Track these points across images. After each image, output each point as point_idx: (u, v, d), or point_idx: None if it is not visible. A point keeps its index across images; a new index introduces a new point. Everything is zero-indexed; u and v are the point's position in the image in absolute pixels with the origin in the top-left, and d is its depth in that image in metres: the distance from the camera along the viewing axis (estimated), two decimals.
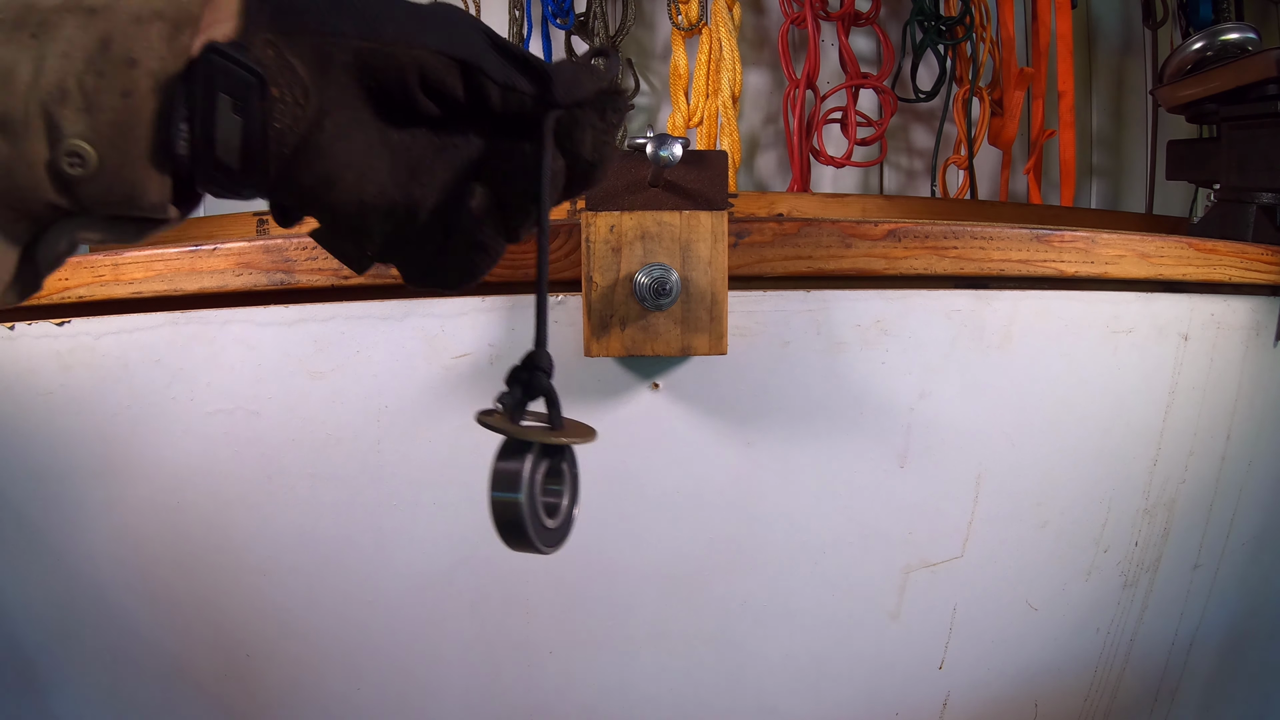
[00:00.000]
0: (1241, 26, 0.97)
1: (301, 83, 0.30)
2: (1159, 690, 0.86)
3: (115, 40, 0.28)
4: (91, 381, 0.64)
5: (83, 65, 0.28)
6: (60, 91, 0.28)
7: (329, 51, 0.30)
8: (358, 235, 0.33)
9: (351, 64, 0.30)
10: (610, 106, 0.35)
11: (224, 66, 0.28)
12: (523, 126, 0.33)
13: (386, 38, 0.30)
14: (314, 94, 0.30)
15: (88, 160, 0.28)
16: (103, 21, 0.28)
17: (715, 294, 0.59)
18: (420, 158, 0.33)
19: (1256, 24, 1.15)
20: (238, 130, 0.29)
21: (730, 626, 0.69)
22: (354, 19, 0.30)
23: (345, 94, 0.31)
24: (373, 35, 0.30)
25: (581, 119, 0.34)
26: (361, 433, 0.64)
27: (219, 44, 0.28)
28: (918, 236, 0.63)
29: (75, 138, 0.28)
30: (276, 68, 0.29)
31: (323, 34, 0.30)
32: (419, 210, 0.33)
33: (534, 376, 0.34)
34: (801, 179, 1.40)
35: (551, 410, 0.34)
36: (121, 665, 0.71)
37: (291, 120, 0.30)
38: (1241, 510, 0.83)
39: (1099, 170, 1.61)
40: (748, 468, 0.65)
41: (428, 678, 0.69)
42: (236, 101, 0.28)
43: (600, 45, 0.43)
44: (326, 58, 0.30)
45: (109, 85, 0.28)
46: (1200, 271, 0.71)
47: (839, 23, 1.39)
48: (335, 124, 0.30)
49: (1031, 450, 0.70)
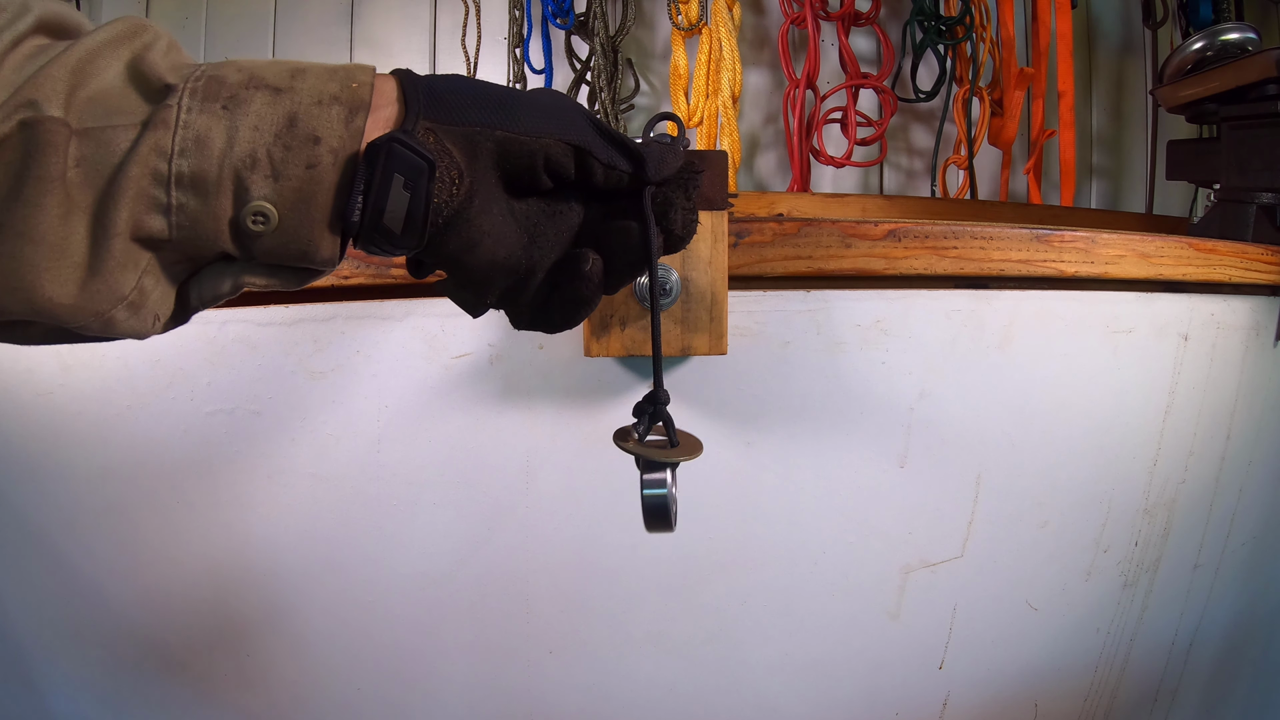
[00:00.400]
0: (1241, 26, 0.97)
1: (458, 165, 0.35)
2: (1159, 690, 0.86)
3: (300, 119, 0.33)
4: (91, 381, 0.64)
5: (271, 138, 0.32)
6: (251, 159, 0.32)
7: (477, 139, 0.36)
8: (482, 288, 0.39)
9: (493, 150, 0.36)
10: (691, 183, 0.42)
11: (401, 153, 0.33)
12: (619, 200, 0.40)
13: (521, 129, 0.36)
14: (467, 175, 0.36)
15: (270, 220, 0.33)
16: (288, 101, 0.33)
17: (715, 294, 0.59)
18: (538, 224, 0.39)
19: (1256, 24, 1.15)
20: (405, 204, 0.34)
21: (730, 626, 0.69)
22: (494, 111, 0.36)
23: (487, 173, 0.36)
24: (510, 126, 0.36)
25: (673, 200, 0.40)
26: (361, 433, 0.64)
27: (398, 133, 0.33)
28: (918, 236, 0.63)
29: (262, 200, 0.32)
30: (438, 153, 0.34)
31: (472, 124, 0.35)
32: (537, 270, 0.39)
33: (656, 409, 0.44)
34: (801, 179, 1.40)
35: (670, 432, 0.44)
36: (121, 665, 0.71)
37: (448, 197, 0.35)
38: (1241, 510, 0.83)
39: (1099, 170, 1.61)
40: (748, 468, 0.65)
41: (428, 678, 0.69)
42: (408, 181, 0.33)
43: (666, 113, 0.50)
44: (475, 145, 0.36)
45: (295, 158, 0.33)
46: (1200, 271, 0.71)
47: (839, 23, 1.39)
48: (480, 199, 0.36)
49: (1031, 450, 0.70)
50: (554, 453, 0.64)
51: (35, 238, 0.30)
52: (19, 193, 0.30)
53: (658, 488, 0.43)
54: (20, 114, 0.30)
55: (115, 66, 0.32)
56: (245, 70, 0.33)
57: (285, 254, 0.34)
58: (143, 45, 0.33)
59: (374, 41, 1.51)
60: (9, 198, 0.30)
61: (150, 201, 0.32)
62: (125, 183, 0.31)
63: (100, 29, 0.33)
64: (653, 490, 0.43)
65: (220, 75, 0.33)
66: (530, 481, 0.65)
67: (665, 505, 0.43)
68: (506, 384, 0.63)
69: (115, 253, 0.32)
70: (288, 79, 0.34)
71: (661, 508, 0.43)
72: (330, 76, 0.34)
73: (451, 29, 1.49)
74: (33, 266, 0.31)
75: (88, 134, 0.31)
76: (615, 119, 1.40)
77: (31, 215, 0.30)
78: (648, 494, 0.43)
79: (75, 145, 0.31)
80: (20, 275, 0.31)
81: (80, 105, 0.31)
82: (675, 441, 0.44)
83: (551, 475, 0.65)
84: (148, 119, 0.31)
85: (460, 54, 1.47)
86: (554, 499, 0.65)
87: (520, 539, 0.66)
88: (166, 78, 0.32)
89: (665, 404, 0.44)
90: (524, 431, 0.64)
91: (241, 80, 0.33)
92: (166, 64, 0.33)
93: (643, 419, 0.44)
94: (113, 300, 0.33)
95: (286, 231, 0.33)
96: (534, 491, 0.65)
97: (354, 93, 0.34)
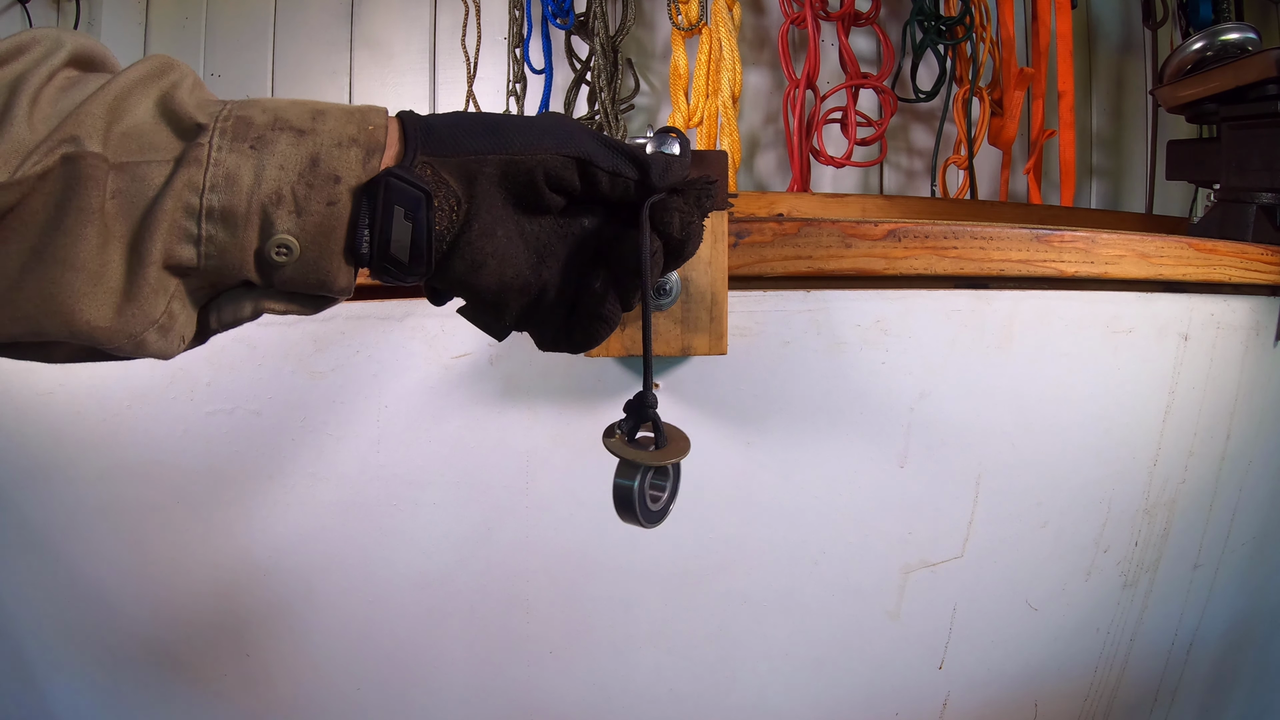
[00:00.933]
0: (1241, 26, 0.97)
1: (455, 194, 0.38)
2: (1159, 690, 0.86)
3: (322, 159, 0.35)
4: (91, 381, 0.64)
5: (296, 177, 0.35)
6: (277, 196, 0.35)
7: (473, 166, 0.38)
8: (498, 309, 0.41)
9: (492, 174, 0.38)
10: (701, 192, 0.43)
11: (398, 186, 0.36)
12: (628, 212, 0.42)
13: (515, 149, 0.38)
14: (464, 201, 0.38)
15: (293, 251, 0.35)
16: (310, 143, 0.35)
17: (715, 294, 0.59)
18: (549, 244, 0.41)
19: (1256, 24, 1.15)
20: (408, 233, 0.36)
21: (730, 626, 0.69)
22: (486, 137, 0.38)
23: (488, 198, 0.38)
24: (505, 149, 0.38)
25: (670, 204, 0.41)
26: (361, 433, 0.64)
27: (394, 169, 0.36)
28: (918, 236, 0.63)
29: (285, 233, 0.35)
30: (435, 184, 0.37)
31: (467, 153, 0.38)
32: (548, 288, 0.41)
33: (643, 410, 0.45)
34: (801, 179, 1.40)
35: (657, 434, 0.45)
36: (121, 665, 0.71)
37: (448, 223, 0.37)
38: (1241, 510, 0.83)
39: (1099, 170, 1.61)
40: (748, 468, 0.65)
41: (428, 677, 0.69)
42: (408, 212, 0.36)
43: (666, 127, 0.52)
44: (472, 172, 0.38)
45: (317, 194, 0.35)
46: (1200, 271, 0.71)
47: (839, 23, 1.39)
48: (481, 223, 0.38)
49: (1031, 450, 0.70)
50: (554, 453, 0.64)
51: (75, 265, 0.33)
52: (60, 222, 0.32)
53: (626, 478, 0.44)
54: (63, 148, 0.32)
55: (146, 103, 0.35)
56: (270, 111, 0.36)
57: (304, 283, 0.37)
58: (171, 83, 0.35)
59: (374, 41, 1.51)
60: (50, 227, 0.32)
61: (182, 233, 0.34)
62: (160, 215, 0.33)
63: (132, 67, 0.35)
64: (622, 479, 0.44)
65: (247, 116, 0.35)
66: (530, 481, 0.65)
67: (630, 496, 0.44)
68: (506, 384, 0.63)
69: (149, 279, 0.34)
70: (309, 121, 0.36)
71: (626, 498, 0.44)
72: (348, 119, 0.37)
73: (451, 29, 1.49)
74: (72, 292, 0.33)
75: (124, 168, 0.33)
76: (615, 119, 1.40)
77: (72, 244, 0.33)
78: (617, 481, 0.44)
79: (113, 179, 0.33)
80: (60, 300, 0.33)
81: (116, 140, 0.33)
82: (663, 441, 0.45)
83: (551, 475, 0.65)
84: (181, 155, 0.34)
85: (460, 54, 1.47)
86: (554, 499, 0.65)
87: (520, 539, 0.66)
88: (197, 116, 0.34)
89: (653, 406, 0.45)
90: (524, 431, 0.64)
91: (267, 121, 0.35)
92: (194, 101, 0.35)
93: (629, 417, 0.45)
94: (146, 323, 0.35)
95: (307, 262, 0.36)
96: (534, 491, 0.65)
97: (370, 135, 0.36)
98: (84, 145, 0.32)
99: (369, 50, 1.51)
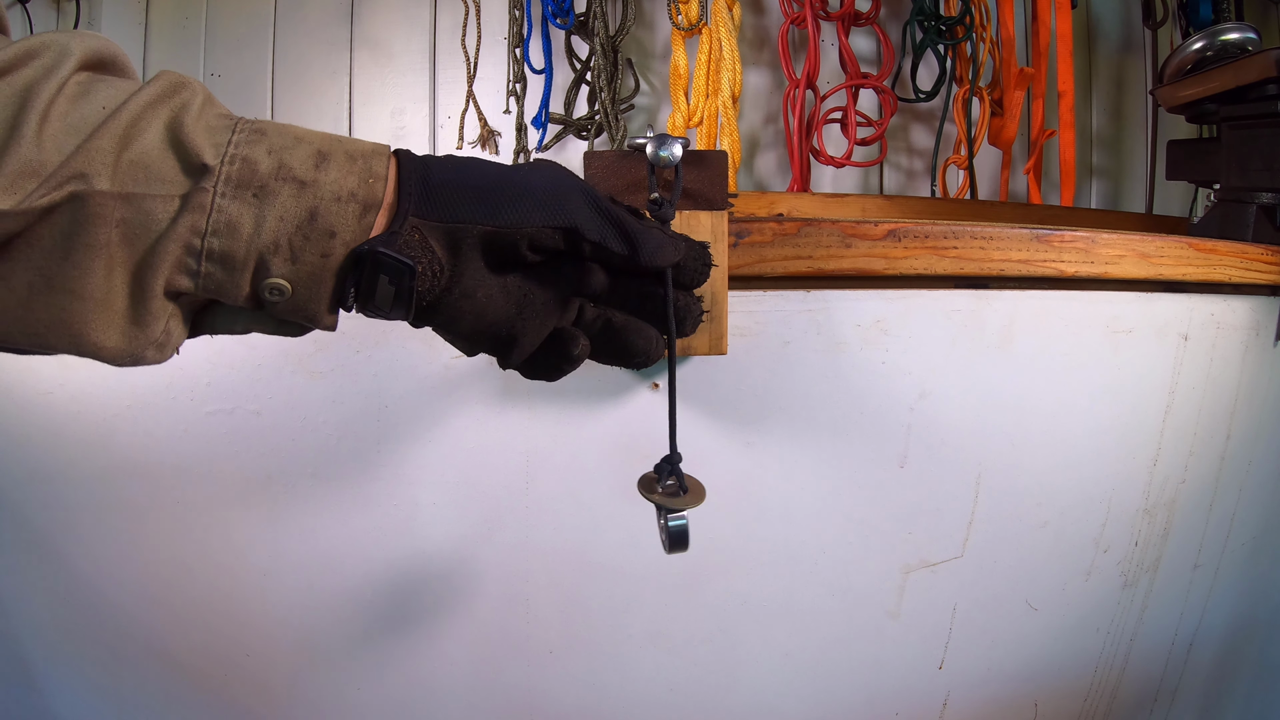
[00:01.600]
0: (1241, 26, 0.97)
1: (439, 260, 0.39)
2: (1159, 690, 0.86)
3: (320, 214, 0.37)
4: (91, 381, 0.64)
5: (294, 229, 0.37)
6: (274, 245, 0.36)
7: (460, 236, 0.39)
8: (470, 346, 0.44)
9: (477, 243, 0.40)
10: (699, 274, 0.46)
11: (385, 259, 0.37)
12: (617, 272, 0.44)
13: (503, 222, 0.40)
14: (448, 268, 0.40)
15: (285, 293, 0.37)
16: (311, 196, 0.37)
17: (715, 294, 0.59)
18: (528, 294, 0.42)
19: (1256, 24, 1.15)
20: (390, 295, 0.38)
21: (730, 626, 0.69)
22: (478, 205, 0.39)
23: (471, 263, 0.40)
24: (493, 220, 0.39)
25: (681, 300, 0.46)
26: (361, 433, 0.64)
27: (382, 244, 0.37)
28: (918, 236, 0.63)
29: (279, 278, 0.37)
30: (420, 249, 0.38)
31: (456, 222, 0.39)
32: (520, 338, 0.43)
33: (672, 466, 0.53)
34: (801, 179, 1.40)
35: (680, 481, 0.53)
36: (121, 665, 0.71)
37: (430, 285, 0.39)
38: (1241, 510, 0.83)
39: (1099, 170, 1.61)
40: (748, 468, 0.65)
41: (427, 677, 0.69)
42: (391, 279, 0.38)
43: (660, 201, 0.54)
44: (458, 240, 0.39)
45: (313, 246, 0.37)
46: (1200, 271, 0.71)
47: (839, 23, 1.39)
48: (463, 287, 0.40)
49: (1031, 450, 0.70)
50: (554, 453, 0.64)
51: (83, 295, 0.35)
52: (68, 255, 0.34)
53: (680, 519, 0.52)
54: (71, 185, 0.33)
55: (156, 126, 0.36)
56: (276, 153, 0.37)
57: (294, 318, 0.39)
58: (181, 104, 0.36)
59: (374, 41, 1.51)
60: (58, 257, 0.34)
61: (182, 267, 0.36)
62: (164, 254, 0.35)
63: (143, 89, 0.36)
64: (676, 521, 0.52)
65: (252, 159, 0.36)
66: (530, 481, 0.65)
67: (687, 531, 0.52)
68: (506, 384, 0.63)
69: (152, 308, 0.36)
70: (312, 170, 0.37)
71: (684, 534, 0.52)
72: (350, 167, 0.38)
73: (451, 29, 1.49)
74: (81, 319, 0.35)
75: (130, 198, 0.35)
76: (615, 119, 1.40)
77: (81, 276, 0.34)
78: (673, 525, 0.52)
79: (119, 208, 0.34)
80: (70, 325, 0.35)
81: (125, 168, 0.35)
82: (685, 488, 0.53)
83: (551, 475, 0.65)
84: (186, 196, 0.35)
85: (460, 54, 1.47)
86: (554, 499, 0.65)
87: (520, 539, 0.66)
88: (204, 154, 0.36)
89: (679, 462, 0.53)
90: (524, 431, 0.64)
91: (271, 169, 0.36)
92: (203, 128, 0.36)
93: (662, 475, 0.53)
94: (147, 343, 0.38)
95: (297, 302, 0.38)
96: (534, 491, 0.65)
97: (370, 189, 0.38)
98: (92, 184, 0.33)
99: (369, 50, 1.51)
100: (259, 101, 1.49)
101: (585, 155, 0.58)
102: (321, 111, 1.50)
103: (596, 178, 0.57)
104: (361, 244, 0.37)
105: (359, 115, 1.51)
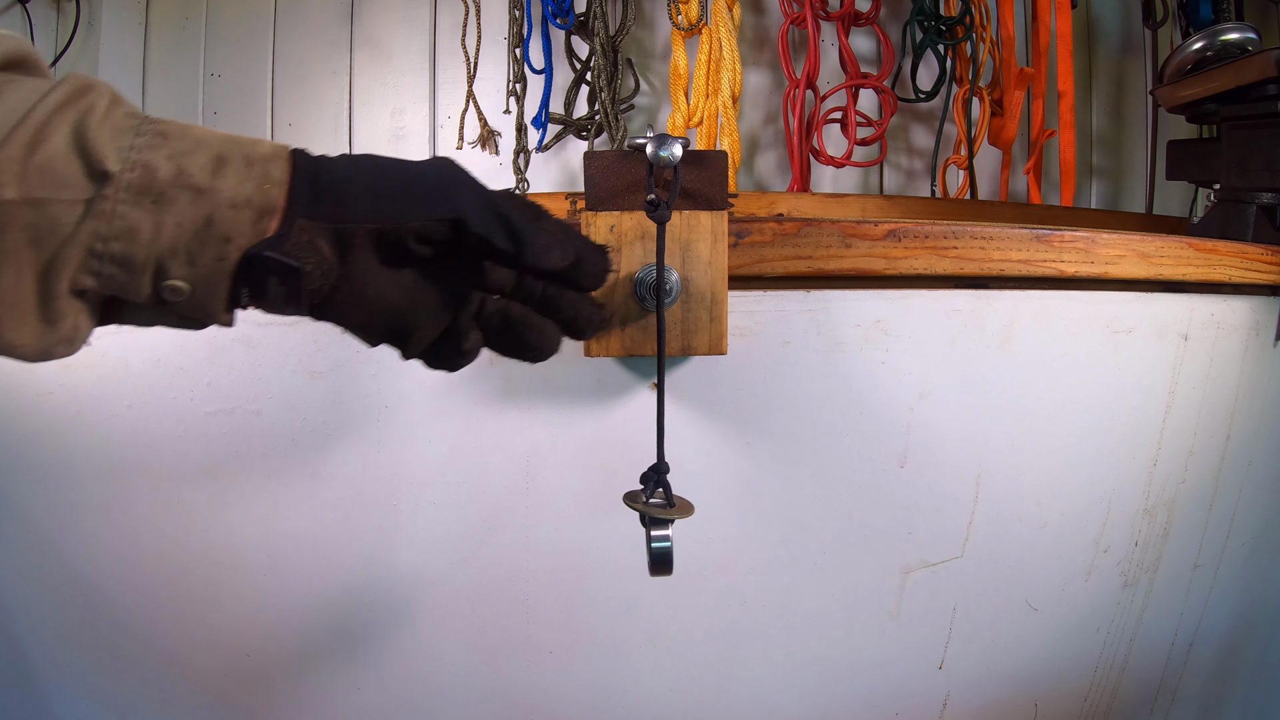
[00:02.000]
0: (1241, 26, 0.97)
1: (327, 259, 0.41)
2: (1159, 690, 0.86)
3: (216, 221, 0.38)
4: (91, 381, 0.64)
5: (190, 235, 0.38)
6: (172, 249, 0.38)
7: (347, 234, 0.41)
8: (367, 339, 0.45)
9: (364, 240, 0.41)
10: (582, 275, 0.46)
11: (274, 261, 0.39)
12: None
13: (388, 217, 0.41)
14: (336, 265, 0.41)
15: (182, 293, 0.39)
16: (207, 203, 0.38)
17: (715, 294, 0.59)
18: (419, 287, 0.43)
19: (1256, 24, 1.15)
20: (282, 294, 0.40)
21: (730, 626, 0.69)
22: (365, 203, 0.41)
23: (360, 260, 0.42)
24: (378, 217, 0.41)
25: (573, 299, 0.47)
26: (361, 432, 0.64)
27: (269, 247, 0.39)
28: (918, 236, 0.63)
29: (177, 279, 0.39)
30: (308, 249, 0.40)
31: (342, 221, 0.41)
32: (413, 332, 0.44)
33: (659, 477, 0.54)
34: (801, 179, 1.40)
35: (668, 495, 0.54)
36: (121, 665, 0.71)
37: (319, 282, 0.41)
38: (1241, 510, 0.83)
39: (1099, 170, 1.61)
40: (748, 468, 0.65)
41: (427, 677, 0.69)
42: (281, 279, 0.39)
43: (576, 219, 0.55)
44: (346, 239, 0.41)
45: (209, 250, 0.38)
46: (1200, 271, 0.71)
47: (839, 23, 1.39)
48: (351, 282, 0.42)
49: (1031, 450, 0.70)
50: (554, 453, 0.64)
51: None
52: None
53: (663, 541, 0.52)
54: None
55: (62, 130, 0.37)
56: (175, 159, 0.38)
57: (192, 315, 0.41)
58: (87, 106, 0.37)
59: (374, 41, 1.51)
60: None
61: (85, 268, 0.38)
62: (68, 257, 0.37)
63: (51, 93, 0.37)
64: (660, 543, 0.51)
65: (152, 165, 0.37)
66: (530, 481, 0.65)
67: (670, 554, 0.52)
68: (506, 384, 0.63)
69: (60, 307, 0.38)
70: (210, 176, 0.38)
71: (667, 557, 0.52)
72: (247, 173, 0.39)
73: (451, 29, 1.49)
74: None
75: (36, 203, 0.36)
76: (615, 119, 1.40)
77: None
78: (655, 546, 0.51)
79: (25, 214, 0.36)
80: None
81: (32, 174, 0.36)
82: (673, 503, 0.53)
83: (551, 475, 0.65)
84: (90, 202, 0.37)
85: (460, 54, 1.47)
86: (554, 499, 0.65)
87: (520, 539, 0.66)
88: (106, 160, 0.37)
89: (666, 473, 0.54)
90: (524, 431, 0.64)
91: (170, 175, 0.38)
92: (107, 130, 0.37)
93: (648, 485, 0.53)
94: (57, 340, 0.39)
95: (195, 302, 0.40)
96: (534, 491, 0.65)
97: (265, 195, 0.39)
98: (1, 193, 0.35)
99: (369, 50, 1.51)
100: (259, 101, 1.49)
101: (585, 155, 0.58)
102: (322, 111, 1.50)
103: (596, 178, 0.57)
104: (252, 247, 0.39)
105: (359, 115, 1.51)
